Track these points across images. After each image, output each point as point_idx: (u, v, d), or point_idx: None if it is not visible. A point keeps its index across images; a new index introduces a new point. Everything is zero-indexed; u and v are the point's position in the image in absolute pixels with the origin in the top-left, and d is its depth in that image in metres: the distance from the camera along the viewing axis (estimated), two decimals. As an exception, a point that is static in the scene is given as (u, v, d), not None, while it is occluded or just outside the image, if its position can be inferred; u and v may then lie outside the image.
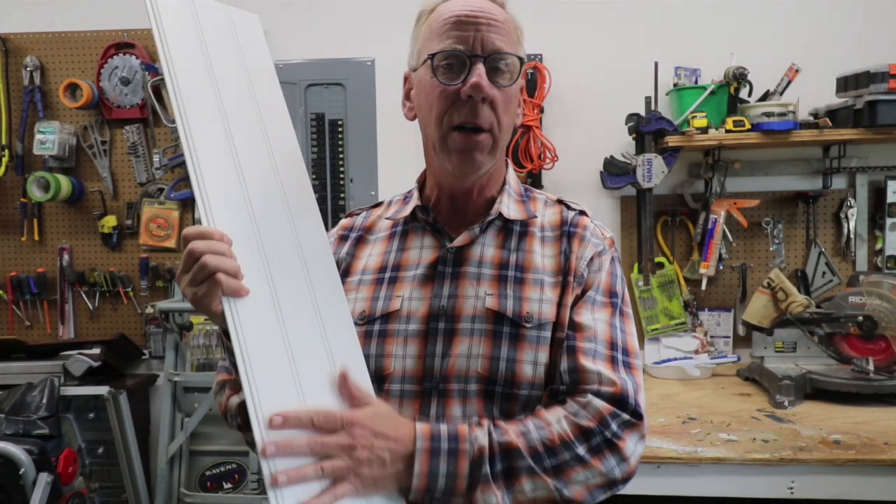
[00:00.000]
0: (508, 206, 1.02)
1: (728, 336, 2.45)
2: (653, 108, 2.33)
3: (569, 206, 1.06)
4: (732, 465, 1.56)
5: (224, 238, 0.84)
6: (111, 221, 2.61)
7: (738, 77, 2.21)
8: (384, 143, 2.57)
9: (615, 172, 2.35)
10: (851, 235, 2.39)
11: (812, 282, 2.41)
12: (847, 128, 2.16)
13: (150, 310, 2.50)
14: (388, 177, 2.57)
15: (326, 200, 2.58)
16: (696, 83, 2.36)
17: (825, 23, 2.39)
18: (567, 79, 2.45)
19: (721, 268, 2.42)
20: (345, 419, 0.81)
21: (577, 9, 2.48)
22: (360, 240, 1.09)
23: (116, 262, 2.66)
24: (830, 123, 2.18)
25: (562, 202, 1.07)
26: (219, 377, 1.05)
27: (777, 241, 2.42)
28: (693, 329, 2.42)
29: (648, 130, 2.27)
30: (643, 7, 2.45)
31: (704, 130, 2.21)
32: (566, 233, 1.01)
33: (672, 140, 2.24)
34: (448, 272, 0.98)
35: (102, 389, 2.33)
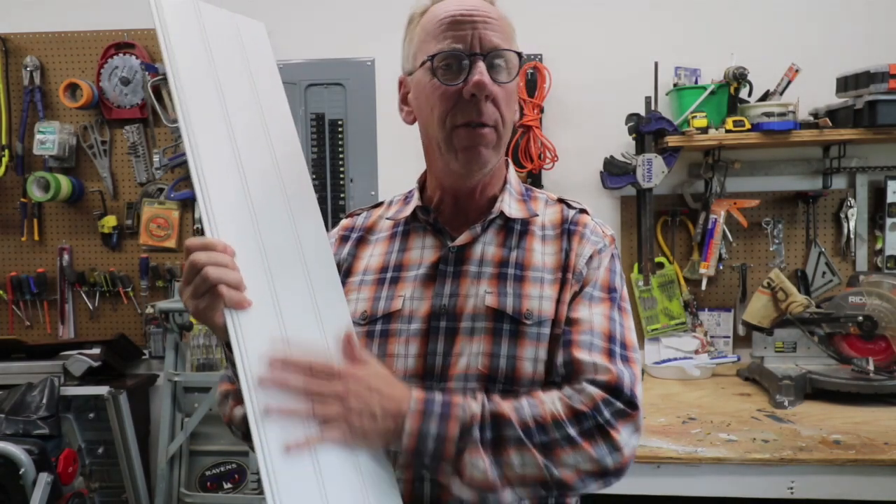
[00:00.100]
0: (510, 205, 1.02)
1: (728, 336, 2.45)
2: (653, 108, 2.33)
3: (569, 205, 1.06)
4: (732, 465, 1.56)
5: (227, 249, 0.82)
6: (111, 221, 2.61)
7: (738, 77, 2.21)
8: (384, 143, 2.57)
9: (615, 172, 2.35)
10: (851, 235, 2.39)
11: (812, 282, 2.41)
12: (847, 128, 2.16)
13: (150, 310, 2.50)
14: (388, 177, 2.57)
15: (326, 200, 2.58)
16: (696, 83, 2.36)
17: (825, 23, 2.39)
18: (567, 79, 2.45)
19: (721, 268, 2.42)
20: (343, 371, 0.83)
21: (577, 9, 2.48)
22: (362, 240, 1.09)
23: (116, 262, 2.66)
24: (830, 123, 2.18)
25: (563, 201, 1.07)
26: (221, 387, 1.04)
27: (777, 241, 2.42)
28: (693, 329, 2.42)
29: (648, 130, 2.28)
30: (643, 7, 2.46)
31: (704, 130, 2.21)
32: (566, 231, 1.01)
33: (672, 140, 2.24)
34: (450, 271, 0.99)
35: (102, 389, 2.33)
